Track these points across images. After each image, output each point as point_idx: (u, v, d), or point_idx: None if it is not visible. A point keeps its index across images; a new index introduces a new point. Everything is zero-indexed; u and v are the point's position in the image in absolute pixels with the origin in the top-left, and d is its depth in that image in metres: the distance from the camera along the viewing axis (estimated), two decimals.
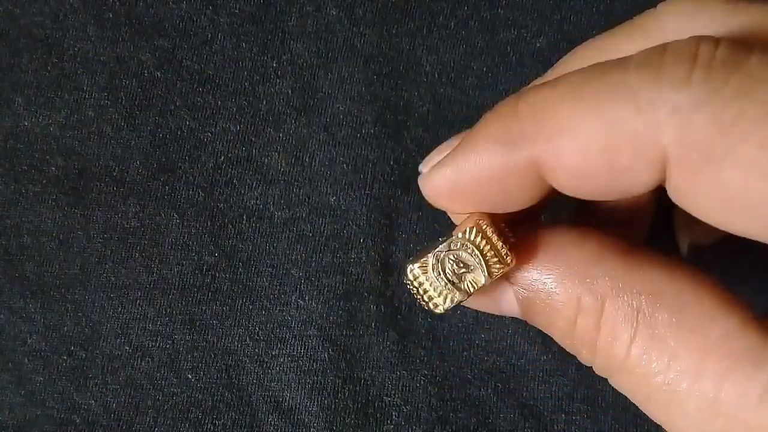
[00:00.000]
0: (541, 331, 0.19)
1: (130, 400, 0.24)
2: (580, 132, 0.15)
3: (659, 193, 0.19)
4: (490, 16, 0.26)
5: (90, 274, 0.25)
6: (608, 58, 0.16)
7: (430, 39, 0.26)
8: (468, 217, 0.17)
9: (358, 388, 0.24)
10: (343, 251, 0.25)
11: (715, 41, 0.14)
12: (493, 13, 0.26)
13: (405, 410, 0.24)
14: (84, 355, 0.25)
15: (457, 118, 0.25)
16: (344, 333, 0.24)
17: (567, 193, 0.16)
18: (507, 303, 0.18)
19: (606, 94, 0.14)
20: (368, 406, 0.24)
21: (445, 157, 0.17)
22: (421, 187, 0.18)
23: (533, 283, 0.17)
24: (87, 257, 0.25)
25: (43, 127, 0.26)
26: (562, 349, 0.20)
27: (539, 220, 0.20)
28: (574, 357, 0.20)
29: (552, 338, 0.18)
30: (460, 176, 0.17)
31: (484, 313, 0.24)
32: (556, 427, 0.23)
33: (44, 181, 0.25)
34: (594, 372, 0.17)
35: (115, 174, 0.25)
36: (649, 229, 0.20)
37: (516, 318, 0.20)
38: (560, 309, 0.17)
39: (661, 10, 0.17)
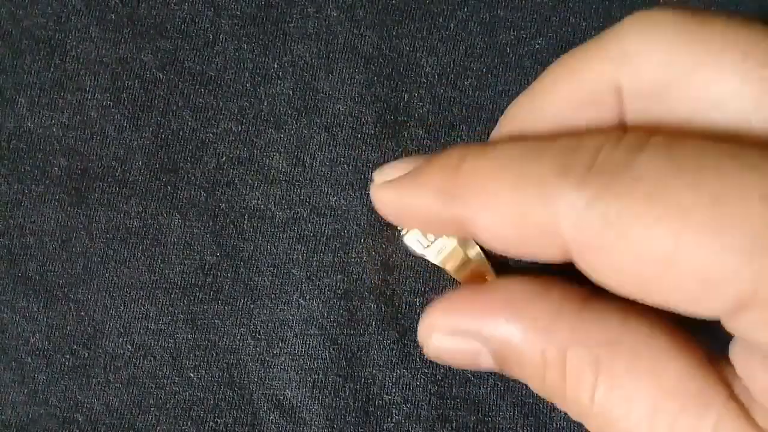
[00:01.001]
0: None
1: (132, 398, 0.24)
2: (499, 208, 0.17)
3: None
4: (489, 18, 0.26)
5: (92, 274, 0.25)
6: (576, 80, 0.18)
7: (430, 40, 0.26)
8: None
9: (358, 387, 0.24)
10: (344, 251, 0.25)
11: (616, 142, 0.16)
12: (493, 15, 0.26)
13: (405, 408, 0.24)
14: (86, 354, 0.25)
15: (456, 118, 0.25)
16: (345, 332, 0.24)
17: (486, 247, 0.18)
18: (485, 360, 0.19)
19: (523, 181, 0.16)
20: (369, 405, 0.24)
21: (394, 180, 0.19)
22: (370, 193, 0.20)
23: (503, 338, 0.18)
24: (89, 257, 0.25)
25: (46, 128, 0.26)
26: None
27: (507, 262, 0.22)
28: None
29: None
30: (399, 203, 0.19)
31: None
32: (554, 425, 0.23)
33: (47, 182, 0.25)
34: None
35: (117, 174, 0.25)
36: None
37: None
38: (530, 362, 0.18)
39: (622, 27, 0.17)
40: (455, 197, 0.17)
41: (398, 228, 0.22)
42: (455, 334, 0.19)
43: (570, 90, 0.18)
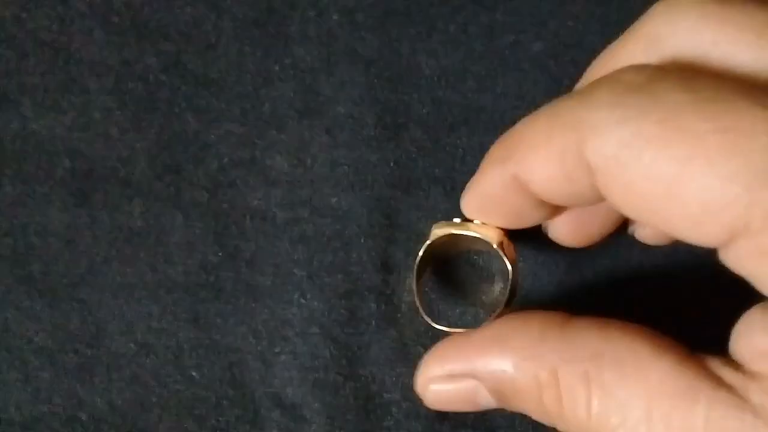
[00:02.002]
0: None
1: (135, 397, 0.25)
2: (542, 151, 0.18)
3: None
4: (488, 21, 0.26)
5: (96, 274, 0.25)
6: (613, 62, 0.19)
7: (430, 43, 0.26)
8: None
9: (358, 385, 0.24)
10: (345, 251, 0.25)
11: (641, 69, 0.17)
12: (492, 19, 0.26)
13: (404, 406, 0.24)
14: (90, 353, 0.25)
15: (456, 120, 0.26)
16: (345, 331, 0.25)
17: (549, 201, 0.19)
18: (483, 398, 0.20)
19: (557, 120, 0.17)
20: (369, 403, 0.24)
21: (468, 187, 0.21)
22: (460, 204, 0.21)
23: (496, 374, 0.19)
24: (93, 257, 0.25)
25: (51, 130, 0.26)
26: None
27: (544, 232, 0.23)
28: None
29: None
30: (477, 191, 0.20)
31: (483, 311, 0.24)
32: None
33: (51, 183, 0.26)
34: None
35: (120, 175, 0.26)
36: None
37: None
38: (525, 390, 0.19)
39: (649, 14, 0.18)
40: (508, 158, 0.19)
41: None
42: (451, 379, 0.20)
43: (608, 70, 0.19)
